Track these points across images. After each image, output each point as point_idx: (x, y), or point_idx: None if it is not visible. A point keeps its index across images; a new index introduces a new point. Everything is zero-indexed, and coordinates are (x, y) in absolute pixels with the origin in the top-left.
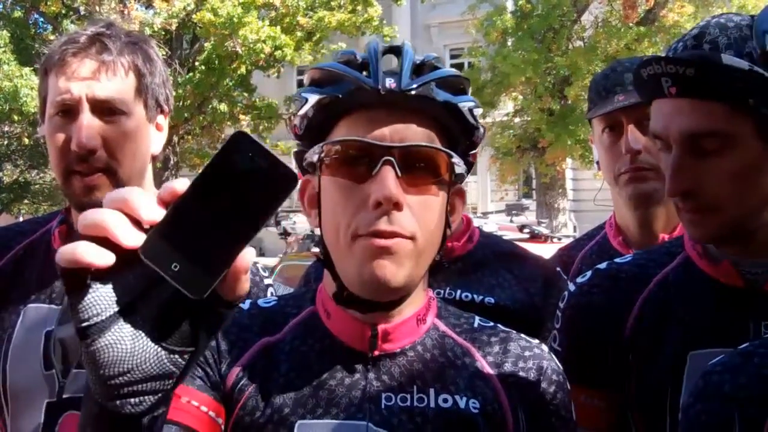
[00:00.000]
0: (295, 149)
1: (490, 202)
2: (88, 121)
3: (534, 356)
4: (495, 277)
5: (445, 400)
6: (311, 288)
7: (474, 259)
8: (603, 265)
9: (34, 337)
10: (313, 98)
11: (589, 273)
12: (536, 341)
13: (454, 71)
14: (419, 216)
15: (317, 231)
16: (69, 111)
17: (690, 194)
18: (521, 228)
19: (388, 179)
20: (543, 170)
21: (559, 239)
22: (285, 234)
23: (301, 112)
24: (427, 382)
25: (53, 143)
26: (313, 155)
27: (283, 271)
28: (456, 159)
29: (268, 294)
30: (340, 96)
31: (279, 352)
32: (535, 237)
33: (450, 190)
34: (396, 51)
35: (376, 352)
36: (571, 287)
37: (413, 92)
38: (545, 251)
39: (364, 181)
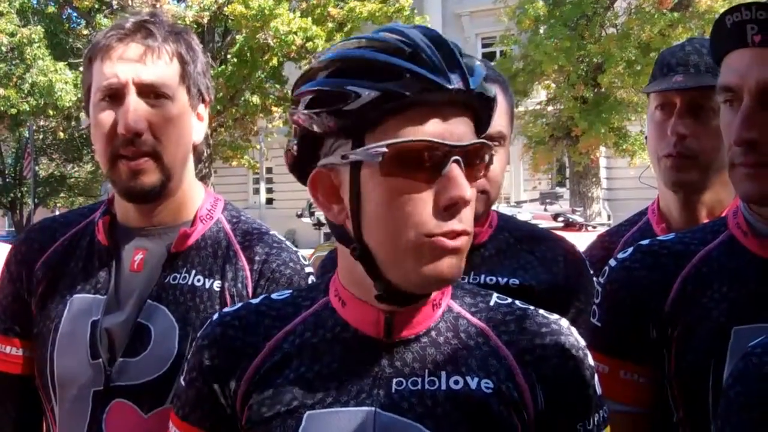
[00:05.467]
0: (295, 142)
1: (523, 192)
2: (134, 104)
3: (551, 332)
4: (517, 260)
5: (456, 382)
6: (326, 277)
7: (495, 242)
8: (645, 242)
9: (81, 327)
10: (369, 94)
11: (630, 249)
12: (555, 316)
13: (480, 60)
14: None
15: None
16: (115, 95)
17: (755, 146)
18: (555, 217)
19: (463, 179)
20: (576, 159)
21: (594, 227)
22: (319, 224)
23: (350, 107)
24: (439, 365)
25: (99, 128)
26: (369, 155)
27: (317, 261)
28: (494, 149)
29: (309, 282)
30: (408, 94)
31: (289, 345)
32: (569, 225)
33: None
34: (438, 40)
35: (389, 339)
36: (612, 262)
37: (476, 90)
38: (580, 239)
39: (430, 180)
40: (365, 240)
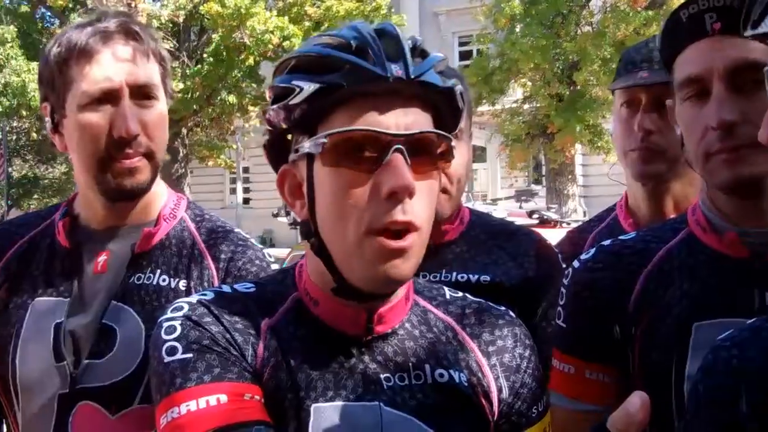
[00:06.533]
0: (267, 138)
1: (500, 189)
2: (130, 106)
3: (507, 323)
4: (489, 255)
5: (441, 375)
6: (287, 271)
7: (467, 239)
8: (607, 242)
9: (44, 330)
10: (310, 87)
11: (593, 250)
12: (503, 308)
13: (441, 55)
14: (425, 202)
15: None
16: (107, 98)
17: (732, 129)
18: (531, 214)
19: (403, 168)
20: (552, 156)
21: (569, 224)
22: (295, 224)
23: (294, 101)
24: (420, 359)
25: (89, 131)
26: (313, 146)
27: (294, 260)
28: (454, 143)
29: None
30: (345, 85)
31: (278, 335)
32: (544, 222)
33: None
34: (385, 33)
35: (369, 335)
36: (576, 264)
37: (418, 79)
38: (555, 236)
39: (372, 170)
40: (321, 235)
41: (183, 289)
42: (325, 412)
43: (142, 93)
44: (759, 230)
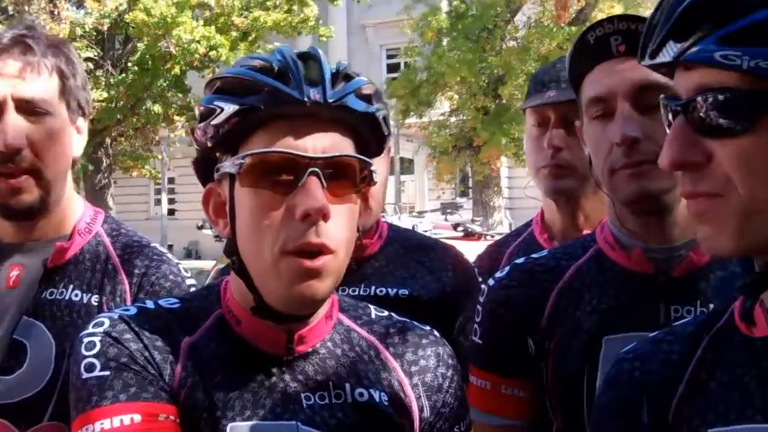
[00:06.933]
0: (195, 156)
1: (428, 201)
2: (13, 120)
3: (430, 343)
4: (407, 269)
5: (361, 395)
6: (213, 287)
7: (385, 254)
8: (520, 260)
9: None
10: (230, 108)
11: (507, 268)
12: (428, 328)
13: (366, 80)
14: (342, 225)
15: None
16: None
17: (636, 144)
18: (455, 226)
19: (317, 190)
20: (478, 168)
21: (493, 237)
22: (220, 237)
23: (216, 121)
24: (341, 377)
25: None
26: (232, 166)
27: (218, 273)
28: (374, 167)
29: None
30: (263, 107)
31: (199, 353)
32: (468, 235)
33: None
34: (309, 58)
35: (290, 355)
36: (491, 282)
37: (336, 103)
38: (479, 249)
39: (288, 192)
40: (241, 254)
41: (95, 304)
42: (242, 431)
43: (29, 108)
44: (663, 246)
